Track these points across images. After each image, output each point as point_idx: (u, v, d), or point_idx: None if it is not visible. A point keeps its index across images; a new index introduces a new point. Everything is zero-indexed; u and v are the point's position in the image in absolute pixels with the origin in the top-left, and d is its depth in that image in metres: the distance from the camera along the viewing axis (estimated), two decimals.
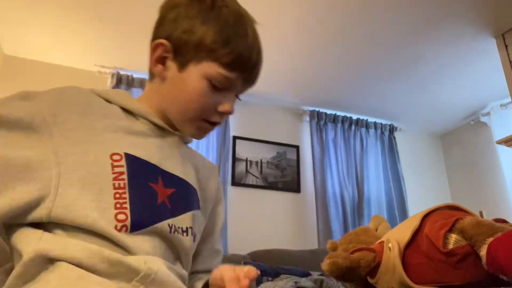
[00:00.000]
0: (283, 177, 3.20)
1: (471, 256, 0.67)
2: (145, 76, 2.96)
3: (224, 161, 2.96)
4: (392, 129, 3.67)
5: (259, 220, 2.99)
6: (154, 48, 0.66)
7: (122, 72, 2.90)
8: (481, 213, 2.61)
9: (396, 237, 0.77)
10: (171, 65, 0.65)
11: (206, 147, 2.97)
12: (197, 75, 0.63)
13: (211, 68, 0.63)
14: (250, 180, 3.09)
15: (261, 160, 3.18)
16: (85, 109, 0.59)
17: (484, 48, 2.63)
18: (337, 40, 2.58)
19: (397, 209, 3.32)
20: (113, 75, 2.86)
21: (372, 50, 2.69)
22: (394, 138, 3.65)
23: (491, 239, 0.63)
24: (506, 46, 2.46)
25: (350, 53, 2.72)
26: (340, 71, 2.93)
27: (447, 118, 3.64)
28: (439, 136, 4.01)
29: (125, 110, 0.65)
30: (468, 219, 0.68)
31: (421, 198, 3.54)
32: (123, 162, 0.57)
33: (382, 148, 3.54)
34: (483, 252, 0.63)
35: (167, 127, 0.68)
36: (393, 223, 3.16)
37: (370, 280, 0.81)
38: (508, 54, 2.45)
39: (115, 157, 0.57)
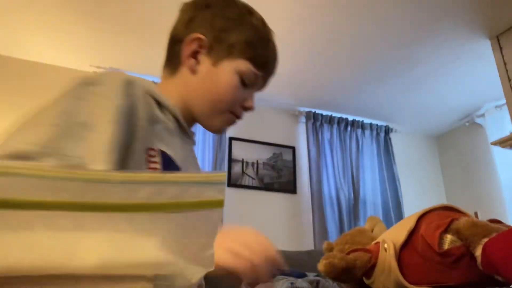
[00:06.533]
0: (279, 178, 3.20)
1: (467, 257, 0.67)
2: (142, 75, 2.95)
3: (220, 162, 2.95)
4: (387, 130, 3.68)
5: (255, 221, 2.99)
6: (189, 43, 0.69)
7: None
8: (476, 213, 2.63)
9: (392, 237, 0.77)
10: (204, 60, 0.69)
11: (202, 148, 2.96)
12: (231, 70, 0.68)
13: (244, 66, 0.69)
14: (246, 181, 3.08)
15: (257, 161, 3.18)
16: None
17: (478, 50, 2.64)
18: (333, 41, 2.59)
19: (393, 209, 3.33)
20: None
21: (368, 52, 2.69)
22: (390, 139, 3.66)
23: (486, 240, 0.64)
24: (501, 48, 2.47)
25: (346, 54, 2.72)
26: (336, 72, 2.94)
27: (442, 119, 3.66)
28: (434, 137, 4.03)
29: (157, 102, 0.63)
30: (464, 220, 0.68)
31: (416, 199, 3.55)
32: (158, 159, 0.58)
33: (377, 149, 3.55)
34: (478, 252, 0.64)
35: (188, 130, 0.70)
36: (388, 223, 3.17)
37: (366, 281, 0.81)
38: (502, 56, 2.46)
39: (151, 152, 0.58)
